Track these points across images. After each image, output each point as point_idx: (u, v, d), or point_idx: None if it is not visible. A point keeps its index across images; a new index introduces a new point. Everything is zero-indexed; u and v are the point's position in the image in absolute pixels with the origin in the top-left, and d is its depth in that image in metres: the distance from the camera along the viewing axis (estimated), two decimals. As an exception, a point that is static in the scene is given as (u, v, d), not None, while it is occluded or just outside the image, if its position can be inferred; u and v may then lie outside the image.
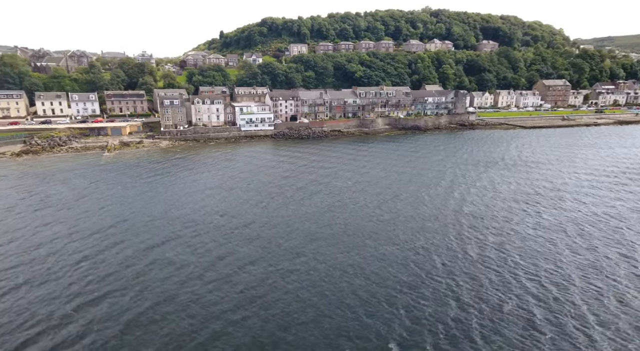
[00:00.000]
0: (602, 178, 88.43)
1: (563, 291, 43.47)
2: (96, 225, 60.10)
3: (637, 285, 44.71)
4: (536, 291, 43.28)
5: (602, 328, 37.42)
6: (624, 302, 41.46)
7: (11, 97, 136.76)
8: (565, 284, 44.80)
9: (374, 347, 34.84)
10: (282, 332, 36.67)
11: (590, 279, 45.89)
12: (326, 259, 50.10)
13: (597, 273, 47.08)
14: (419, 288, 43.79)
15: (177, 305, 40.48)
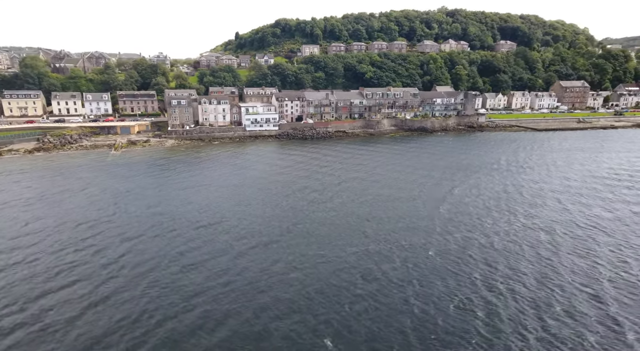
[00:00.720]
0: (581, 184, 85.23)
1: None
2: (81, 217, 62.74)
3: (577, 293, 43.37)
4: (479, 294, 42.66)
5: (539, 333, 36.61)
6: (569, 313, 40.31)
7: (29, 96, 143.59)
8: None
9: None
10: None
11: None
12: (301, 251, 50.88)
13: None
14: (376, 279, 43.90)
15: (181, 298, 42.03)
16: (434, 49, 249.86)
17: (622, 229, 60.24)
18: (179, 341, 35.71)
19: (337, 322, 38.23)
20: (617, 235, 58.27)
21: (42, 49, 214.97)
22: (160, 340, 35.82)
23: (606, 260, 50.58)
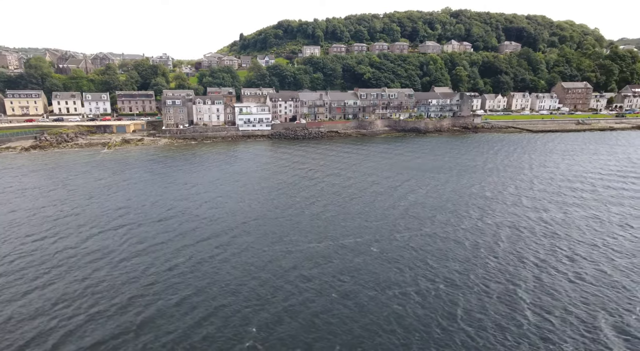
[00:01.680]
0: (547, 184, 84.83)
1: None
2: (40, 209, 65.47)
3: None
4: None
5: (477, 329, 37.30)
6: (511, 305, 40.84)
7: (30, 96, 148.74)
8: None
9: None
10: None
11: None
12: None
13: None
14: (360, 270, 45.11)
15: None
16: (436, 50, 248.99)
17: (556, 229, 60.37)
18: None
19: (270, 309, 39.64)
20: (554, 233, 58.32)
21: (49, 50, 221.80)
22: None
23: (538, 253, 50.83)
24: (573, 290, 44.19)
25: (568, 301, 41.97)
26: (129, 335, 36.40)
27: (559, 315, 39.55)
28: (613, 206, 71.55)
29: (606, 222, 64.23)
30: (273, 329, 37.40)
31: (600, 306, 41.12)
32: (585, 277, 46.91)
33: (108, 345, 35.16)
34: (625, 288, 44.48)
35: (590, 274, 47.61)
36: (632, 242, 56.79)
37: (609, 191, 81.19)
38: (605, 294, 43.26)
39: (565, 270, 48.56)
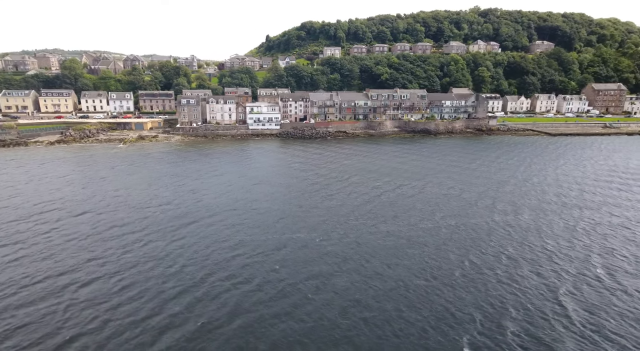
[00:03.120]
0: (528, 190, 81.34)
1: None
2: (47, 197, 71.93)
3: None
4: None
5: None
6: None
7: (62, 95, 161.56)
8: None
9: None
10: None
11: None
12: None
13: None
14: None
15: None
16: (461, 50, 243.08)
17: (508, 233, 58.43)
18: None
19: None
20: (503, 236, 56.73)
21: (87, 52, 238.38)
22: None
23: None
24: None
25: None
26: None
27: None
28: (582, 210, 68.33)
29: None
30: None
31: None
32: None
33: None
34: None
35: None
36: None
37: (587, 197, 77.32)
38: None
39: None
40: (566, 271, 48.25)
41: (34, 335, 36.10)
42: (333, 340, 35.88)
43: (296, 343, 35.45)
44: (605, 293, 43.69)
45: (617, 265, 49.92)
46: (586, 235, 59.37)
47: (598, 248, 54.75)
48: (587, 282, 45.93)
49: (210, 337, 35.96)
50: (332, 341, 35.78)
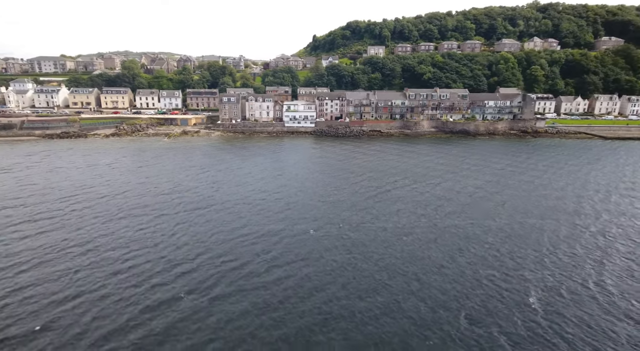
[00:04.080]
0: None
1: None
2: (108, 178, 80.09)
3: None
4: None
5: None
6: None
7: (119, 92, 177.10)
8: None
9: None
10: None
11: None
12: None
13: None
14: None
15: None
16: (514, 48, 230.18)
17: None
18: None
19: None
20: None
21: (146, 53, 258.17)
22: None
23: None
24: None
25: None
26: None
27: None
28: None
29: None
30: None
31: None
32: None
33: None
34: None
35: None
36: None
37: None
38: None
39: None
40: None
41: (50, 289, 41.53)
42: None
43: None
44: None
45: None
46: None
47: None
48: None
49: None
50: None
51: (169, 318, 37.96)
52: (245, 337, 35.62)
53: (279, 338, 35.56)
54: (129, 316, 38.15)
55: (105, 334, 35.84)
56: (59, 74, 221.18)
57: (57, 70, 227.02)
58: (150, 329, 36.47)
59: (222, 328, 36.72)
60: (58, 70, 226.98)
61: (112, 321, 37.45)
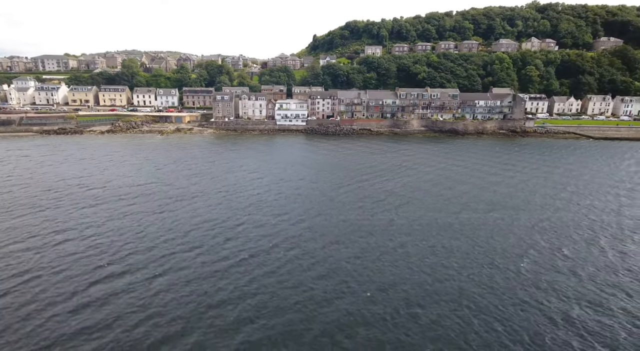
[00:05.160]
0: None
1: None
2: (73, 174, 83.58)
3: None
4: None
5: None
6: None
7: (117, 90, 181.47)
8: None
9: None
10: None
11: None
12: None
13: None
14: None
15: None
16: (511, 48, 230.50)
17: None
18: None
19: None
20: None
21: (147, 52, 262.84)
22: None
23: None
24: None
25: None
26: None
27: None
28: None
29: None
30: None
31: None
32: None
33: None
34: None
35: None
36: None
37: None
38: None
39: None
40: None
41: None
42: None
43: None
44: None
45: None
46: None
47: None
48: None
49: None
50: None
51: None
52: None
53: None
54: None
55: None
56: (62, 72, 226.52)
57: (60, 68, 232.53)
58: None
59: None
60: (61, 68, 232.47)
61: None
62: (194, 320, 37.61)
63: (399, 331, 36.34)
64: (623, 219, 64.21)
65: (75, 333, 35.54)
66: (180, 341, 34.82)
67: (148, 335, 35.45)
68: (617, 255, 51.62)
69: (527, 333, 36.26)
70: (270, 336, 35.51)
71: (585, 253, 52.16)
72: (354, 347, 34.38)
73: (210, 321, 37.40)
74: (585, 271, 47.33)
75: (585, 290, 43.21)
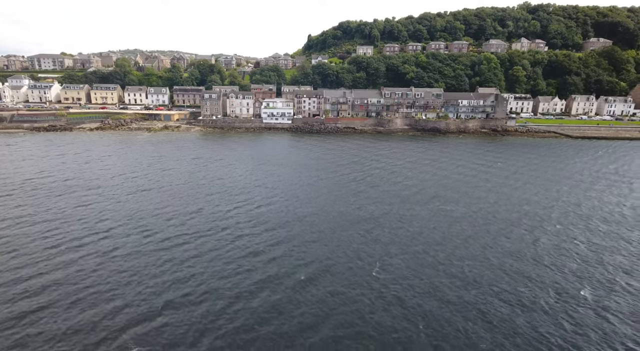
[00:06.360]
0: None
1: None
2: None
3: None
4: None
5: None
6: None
7: (108, 89, 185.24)
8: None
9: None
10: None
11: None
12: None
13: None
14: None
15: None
16: (501, 49, 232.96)
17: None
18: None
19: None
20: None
21: (142, 51, 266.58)
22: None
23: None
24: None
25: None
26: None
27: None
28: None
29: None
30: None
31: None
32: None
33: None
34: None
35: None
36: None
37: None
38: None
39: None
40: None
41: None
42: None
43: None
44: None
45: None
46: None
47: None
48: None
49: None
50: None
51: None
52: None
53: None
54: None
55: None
56: (58, 70, 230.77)
57: (56, 67, 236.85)
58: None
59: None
60: (57, 67, 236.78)
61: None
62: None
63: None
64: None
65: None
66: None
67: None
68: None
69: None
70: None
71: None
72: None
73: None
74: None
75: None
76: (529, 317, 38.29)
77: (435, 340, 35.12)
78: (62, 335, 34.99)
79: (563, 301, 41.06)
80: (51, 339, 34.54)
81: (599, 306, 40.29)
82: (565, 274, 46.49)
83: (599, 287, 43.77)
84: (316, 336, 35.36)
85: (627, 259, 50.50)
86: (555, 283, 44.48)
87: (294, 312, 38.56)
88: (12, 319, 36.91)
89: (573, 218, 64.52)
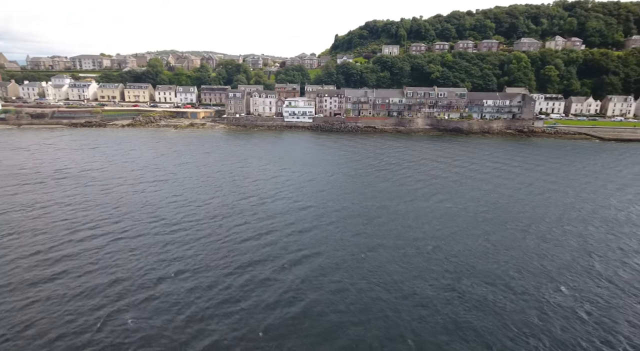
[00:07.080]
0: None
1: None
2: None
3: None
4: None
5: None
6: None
7: (140, 87, 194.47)
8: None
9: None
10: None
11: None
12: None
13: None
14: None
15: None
16: (534, 47, 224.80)
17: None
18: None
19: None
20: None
21: (174, 51, 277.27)
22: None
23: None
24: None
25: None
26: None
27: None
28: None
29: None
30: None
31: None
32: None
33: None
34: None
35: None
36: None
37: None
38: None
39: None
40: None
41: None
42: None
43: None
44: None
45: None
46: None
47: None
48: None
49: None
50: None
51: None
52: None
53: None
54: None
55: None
56: (97, 70, 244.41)
57: (95, 67, 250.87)
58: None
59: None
60: (96, 67, 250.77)
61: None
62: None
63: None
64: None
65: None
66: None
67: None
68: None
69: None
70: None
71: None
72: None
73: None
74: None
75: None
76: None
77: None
78: (69, 300, 39.42)
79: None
80: (59, 302, 38.84)
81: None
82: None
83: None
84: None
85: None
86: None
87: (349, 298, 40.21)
88: (30, 284, 41.74)
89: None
